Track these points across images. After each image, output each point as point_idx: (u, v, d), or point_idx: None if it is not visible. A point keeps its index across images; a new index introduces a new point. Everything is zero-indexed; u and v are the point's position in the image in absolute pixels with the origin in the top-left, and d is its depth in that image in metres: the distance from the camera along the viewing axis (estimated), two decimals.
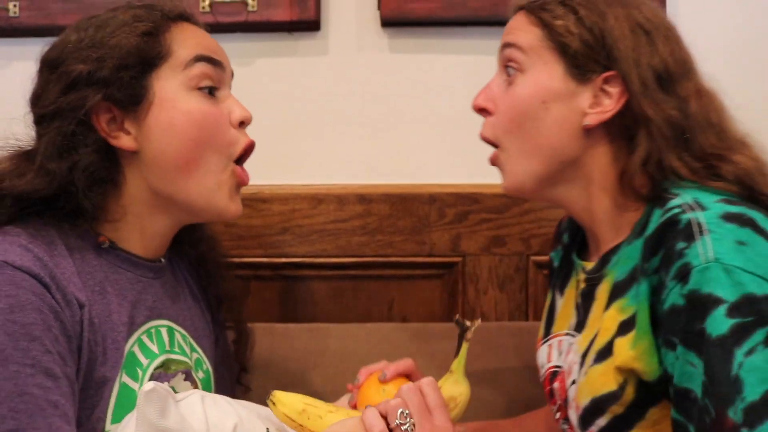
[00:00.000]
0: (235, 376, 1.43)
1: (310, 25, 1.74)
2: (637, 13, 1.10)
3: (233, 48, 1.23)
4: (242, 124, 1.21)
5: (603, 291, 1.12)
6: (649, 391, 1.02)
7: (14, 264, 1.01)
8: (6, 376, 0.96)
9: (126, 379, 1.10)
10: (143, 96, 1.14)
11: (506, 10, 1.71)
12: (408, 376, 1.24)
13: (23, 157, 1.14)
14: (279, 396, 1.11)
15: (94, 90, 1.11)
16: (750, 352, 0.90)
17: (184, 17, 1.22)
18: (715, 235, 0.95)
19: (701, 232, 0.95)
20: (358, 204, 1.71)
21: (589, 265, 1.18)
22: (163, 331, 1.20)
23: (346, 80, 1.76)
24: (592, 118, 1.09)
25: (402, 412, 1.01)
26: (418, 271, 1.73)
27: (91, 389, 1.07)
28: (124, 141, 1.14)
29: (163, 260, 1.25)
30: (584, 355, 1.13)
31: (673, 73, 1.09)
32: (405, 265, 1.73)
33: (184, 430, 0.99)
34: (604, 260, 1.13)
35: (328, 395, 1.45)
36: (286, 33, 1.76)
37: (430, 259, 1.72)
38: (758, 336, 0.90)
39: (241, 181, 1.21)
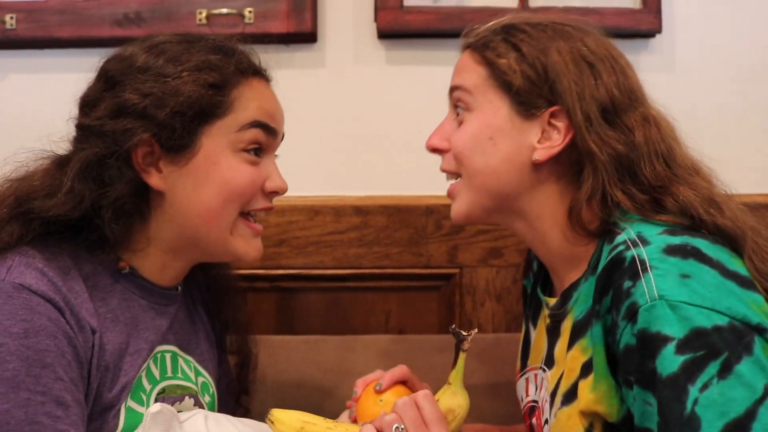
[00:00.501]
0: (235, 398, 1.43)
1: (307, 37, 1.74)
2: (581, 45, 1.10)
3: None
4: (273, 193, 1.20)
5: (566, 328, 1.11)
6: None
7: (30, 288, 1.01)
8: (17, 403, 0.95)
9: (131, 403, 1.10)
10: (189, 146, 1.12)
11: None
12: (404, 382, 1.24)
13: (55, 166, 1.12)
14: (277, 414, 1.11)
15: (143, 126, 1.09)
16: (704, 387, 0.88)
17: (258, 73, 1.20)
18: (657, 272, 0.94)
19: (645, 270, 0.94)
20: (355, 216, 1.71)
21: (552, 301, 1.18)
22: (168, 357, 1.20)
23: (343, 92, 1.76)
24: (541, 154, 1.09)
25: (397, 428, 1.01)
26: (415, 283, 1.73)
27: (96, 413, 1.06)
28: (154, 179, 1.12)
29: (179, 288, 1.25)
30: (553, 394, 1.12)
31: (619, 104, 1.08)
32: (402, 276, 1.72)
33: None
34: (566, 296, 1.13)
35: (325, 406, 1.45)
36: (282, 45, 1.76)
37: (427, 271, 1.72)
38: (711, 369, 0.88)
39: (254, 232, 1.20)
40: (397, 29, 1.72)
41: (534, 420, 1.19)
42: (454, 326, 1.20)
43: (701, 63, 1.79)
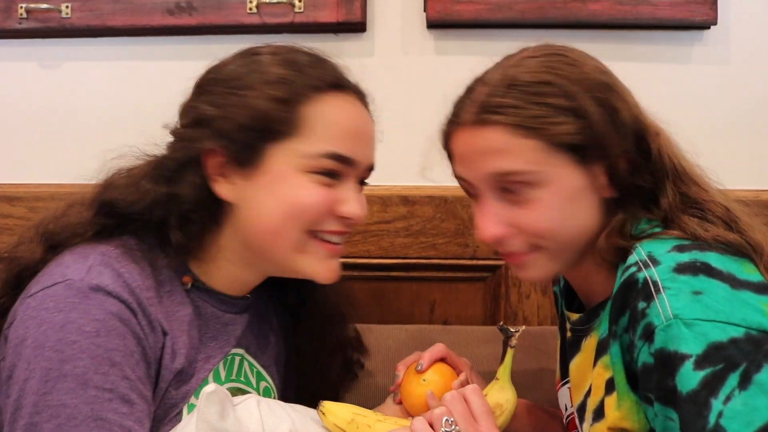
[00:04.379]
0: None
1: (357, 26, 1.74)
2: (595, 74, 1.08)
3: None
4: (346, 219, 1.15)
5: (589, 345, 1.12)
6: None
7: (106, 289, 1.03)
8: (85, 399, 0.97)
9: (195, 401, 1.11)
10: (254, 161, 1.11)
11: (553, 12, 1.70)
12: (443, 359, 1.25)
13: (150, 166, 1.16)
14: (328, 406, 1.13)
15: (212, 136, 1.10)
16: (728, 399, 0.88)
17: (339, 86, 1.15)
18: (670, 291, 0.94)
19: (657, 290, 0.95)
20: (402, 206, 1.71)
21: (574, 316, 1.18)
22: (237, 360, 1.22)
23: (392, 82, 1.76)
24: (609, 191, 1.08)
25: (447, 420, 1.03)
26: (460, 274, 1.73)
27: (160, 410, 1.08)
28: (224, 190, 1.12)
29: (249, 296, 1.25)
30: (580, 409, 1.13)
31: (640, 124, 1.07)
32: (448, 267, 1.72)
33: None
34: (591, 315, 1.13)
35: (369, 395, 1.45)
36: (332, 34, 1.77)
37: (473, 262, 1.71)
38: (732, 381, 0.88)
39: (329, 252, 1.16)
40: (446, 19, 1.72)
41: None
42: (501, 323, 1.22)
43: (758, 56, 1.75)
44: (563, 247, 1.09)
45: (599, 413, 1.07)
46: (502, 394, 1.20)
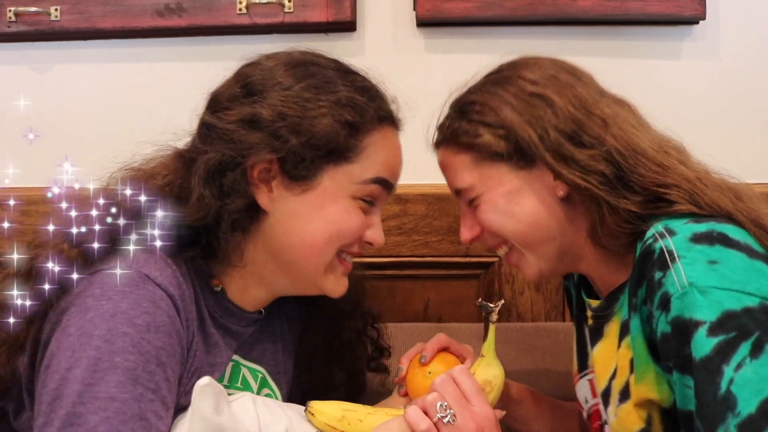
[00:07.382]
0: None
1: (346, 25, 1.75)
2: (522, 82, 1.12)
3: (269, 49, 1.23)
4: (369, 243, 1.19)
5: (612, 330, 1.13)
6: (674, 417, 1.02)
7: (156, 280, 1.01)
8: (134, 396, 0.94)
9: None
10: (308, 178, 1.10)
11: (543, 9, 1.71)
12: (446, 349, 1.26)
13: (180, 165, 1.10)
14: (316, 406, 1.13)
15: (270, 145, 1.07)
16: (739, 367, 0.89)
17: (394, 122, 1.19)
18: (686, 260, 0.95)
19: (673, 259, 0.96)
20: (395, 204, 1.71)
21: (595, 303, 1.18)
22: (229, 366, 1.18)
23: (383, 81, 1.75)
24: (562, 187, 1.10)
25: (440, 405, 1.03)
26: (454, 271, 1.73)
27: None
28: (263, 197, 1.10)
29: (263, 311, 1.23)
30: (605, 395, 1.14)
31: (580, 120, 1.08)
32: (441, 265, 1.72)
33: (236, 429, 1.00)
34: (611, 299, 1.14)
35: (368, 392, 1.45)
36: (322, 34, 1.77)
37: (467, 259, 1.72)
38: (743, 349, 0.90)
39: (345, 270, 1.19)
40: (436, 17, 1.72)
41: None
42: (480, 300, 1.24)
43: (747, 51, 1.76)
44: (530, 243, 1.14)
45: (625, 394, 1.08)
46: (489, 371, 1.21)
